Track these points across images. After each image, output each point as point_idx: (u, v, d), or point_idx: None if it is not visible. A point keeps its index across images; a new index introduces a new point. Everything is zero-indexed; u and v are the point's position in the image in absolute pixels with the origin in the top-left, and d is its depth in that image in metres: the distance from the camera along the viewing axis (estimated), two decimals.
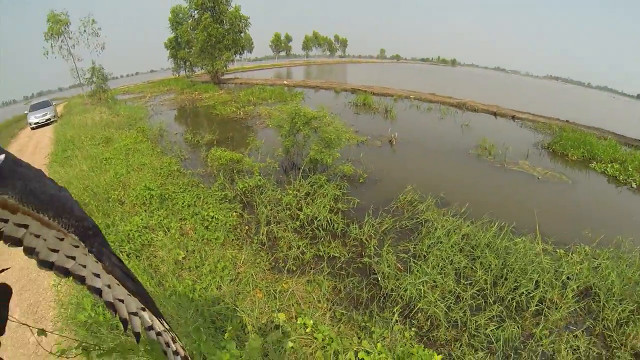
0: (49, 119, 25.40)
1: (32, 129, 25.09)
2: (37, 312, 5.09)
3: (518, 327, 4.57)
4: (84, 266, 1.21)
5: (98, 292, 1.20)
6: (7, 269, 1.26)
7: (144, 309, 1.23)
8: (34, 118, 25.50)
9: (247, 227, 6.72)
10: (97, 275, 1.21)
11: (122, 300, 1.23)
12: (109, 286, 1.21)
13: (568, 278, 5.39)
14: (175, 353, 1.23)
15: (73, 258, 1.20)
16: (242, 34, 42.48)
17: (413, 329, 4.51)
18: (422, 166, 10.63)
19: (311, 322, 4.28)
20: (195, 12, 41.02)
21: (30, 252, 1.17)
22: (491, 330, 4.50)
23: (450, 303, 4.88)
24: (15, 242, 1.14)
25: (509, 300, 5.01)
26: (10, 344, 4.57)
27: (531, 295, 5.02)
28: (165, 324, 1.22)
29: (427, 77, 54.88)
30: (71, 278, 1.20)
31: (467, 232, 6.39)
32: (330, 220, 6.89)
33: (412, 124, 16.31)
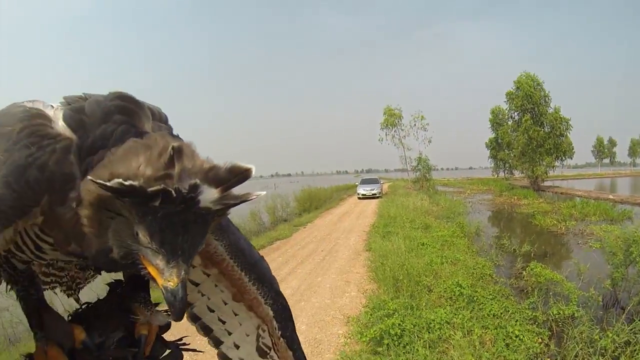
0: (375, 194, 29.57)
1: (359, 198, 29.79)
2: (318, 347, 6.00)
3: None
4: None
5: None
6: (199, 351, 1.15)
7: None
8: (362, 190, 30.54)
9: None
10: None
11: None
12: None
13: None
14: None
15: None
16: (563, 138, 39.66)
17: None
18: None
19: None
20: (515, 113, 40.63)
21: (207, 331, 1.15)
22: None
23: None
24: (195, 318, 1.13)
25: None
26: None
27: None
28: None
29: None
30: None
31: None
32: None
33: None
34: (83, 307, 0.95)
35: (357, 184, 34.72)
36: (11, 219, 0.66)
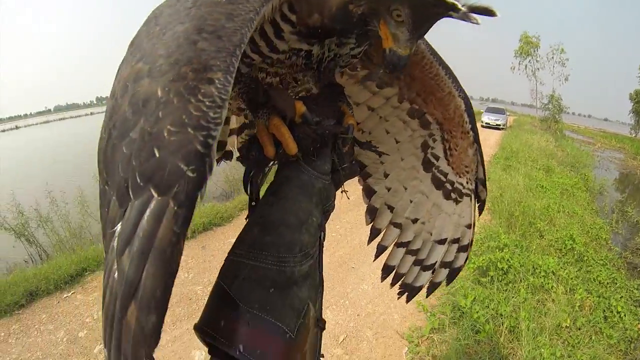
0: (499, 125, 27.39)
1: (482, 127, 27.67)
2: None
3: None
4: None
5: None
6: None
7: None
8: (487, 119, 28.31)
9: None
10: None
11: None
12: None
13: None
14: None
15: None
16: None
17: None
18: None
19: None
20: None
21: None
22: None
23: None
24: None
25: None
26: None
27: None
28: None
29: None
30: None
31: None
32: None
33: None
34: (301, 95, 0.99)
35: (482, 111, 32.19)
36: None
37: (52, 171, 15.83)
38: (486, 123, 27.66)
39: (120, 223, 0.54)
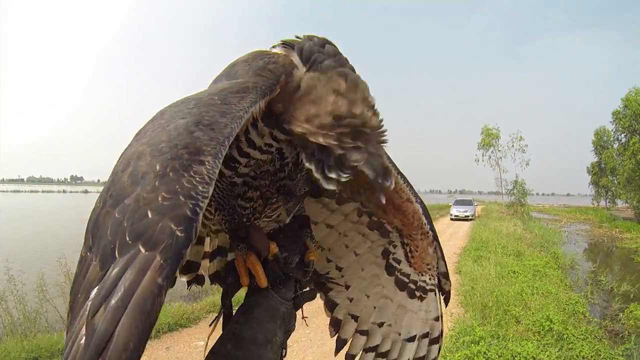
0: (467, 216, 28.04)
1: (451, 219, 28.38)
2: None
3: None
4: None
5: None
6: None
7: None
8: (455, 211, 29.09)
9: None
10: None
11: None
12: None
13: None
14: None
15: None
16: None
17: None
18: None
19: None
20: (622, 135, 33.97)
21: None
22: None
23: None
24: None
25: None
26: None
27: None
28: None
29: None
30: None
31: None
32: None
33: None
34: (273, 229, 1.16)
35: (450, 204, 33.25)
36: (271, 89, 0.84)
37: (14, 246, 15.08)
38: (455, 216, 28.36)
39: (97, 287, 0.56)
